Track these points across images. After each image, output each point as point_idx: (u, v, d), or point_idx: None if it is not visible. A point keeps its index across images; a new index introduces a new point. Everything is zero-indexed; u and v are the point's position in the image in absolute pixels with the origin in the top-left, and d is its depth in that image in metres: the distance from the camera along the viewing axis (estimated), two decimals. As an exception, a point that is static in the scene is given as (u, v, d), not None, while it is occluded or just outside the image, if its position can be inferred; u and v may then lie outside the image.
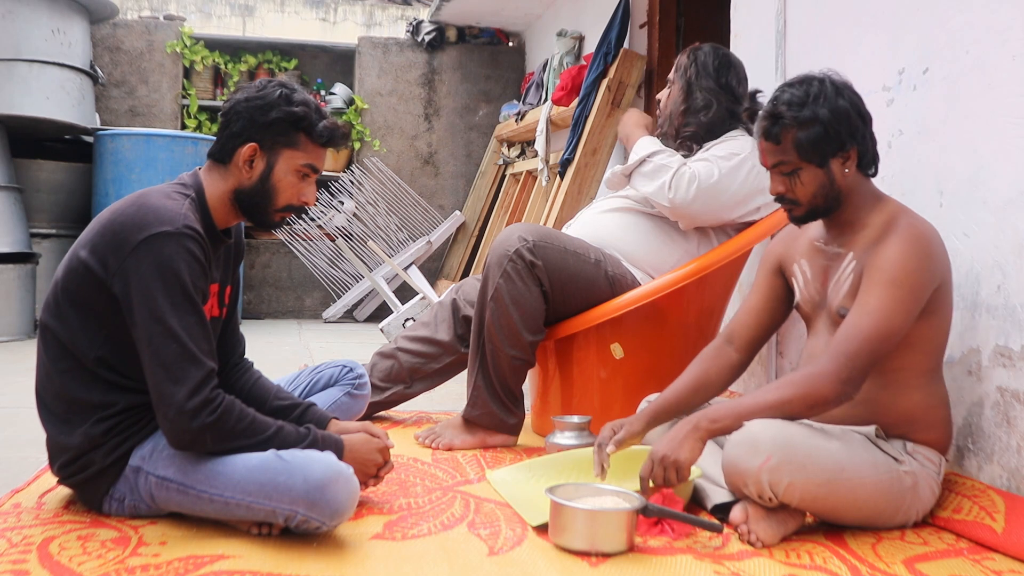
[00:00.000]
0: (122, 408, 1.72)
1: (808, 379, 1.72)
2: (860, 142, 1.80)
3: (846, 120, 1.77)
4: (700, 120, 2.56)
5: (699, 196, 2.43)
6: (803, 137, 1.76)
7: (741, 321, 2.06)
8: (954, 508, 1.85)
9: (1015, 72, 1.88)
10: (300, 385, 2.28)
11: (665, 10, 4.23)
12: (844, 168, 1.80)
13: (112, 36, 5.97)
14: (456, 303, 2.76)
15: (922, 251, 1.74)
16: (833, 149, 1.78)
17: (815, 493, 1.68)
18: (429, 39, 6.34)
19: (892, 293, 1.71)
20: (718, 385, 2.02)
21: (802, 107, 1.76)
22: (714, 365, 2.03)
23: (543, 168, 4.93)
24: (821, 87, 1.78)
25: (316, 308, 6.18)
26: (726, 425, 1.74)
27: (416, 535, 1.72)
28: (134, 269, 1.62)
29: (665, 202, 2.46)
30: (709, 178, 2.43)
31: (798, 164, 1.79)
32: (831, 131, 1.76)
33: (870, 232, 1.82)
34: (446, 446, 2.44)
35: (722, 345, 2.05)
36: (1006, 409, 1.88)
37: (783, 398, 1.73)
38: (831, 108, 1.76)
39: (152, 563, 1.52)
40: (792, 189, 1.82)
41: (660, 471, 1.74)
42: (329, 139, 1.79)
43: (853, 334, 1.71)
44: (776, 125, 1.79)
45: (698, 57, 2.60)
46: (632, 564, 1.60)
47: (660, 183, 2.47)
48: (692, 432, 1.75)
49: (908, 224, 1.78)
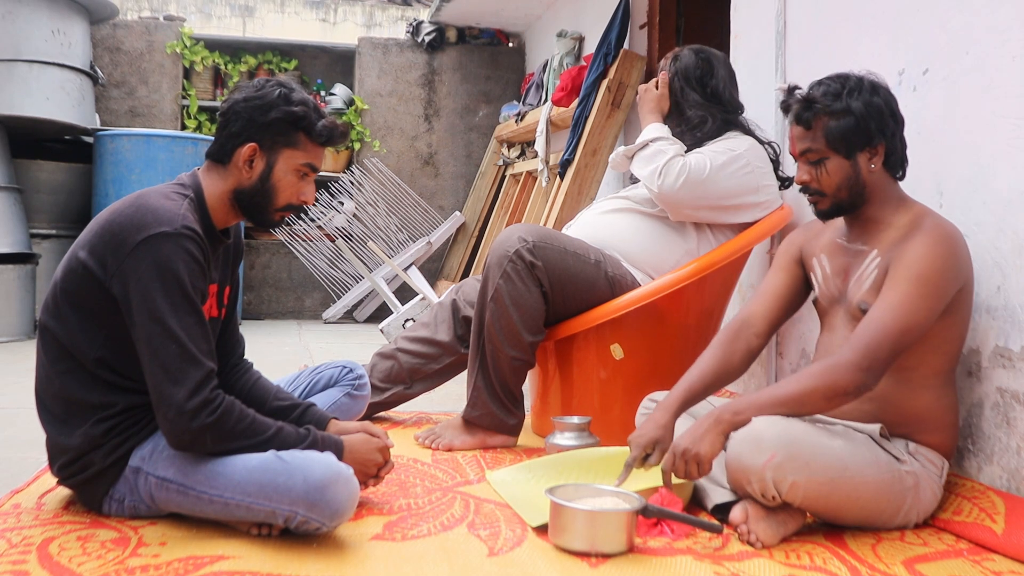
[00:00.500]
0: (122, 409, 1.72)
1: (828, 370, 1.72)
2: (889, 140, 1.82)
3: (878, 116, 1.79)
4: (696, 137, 2.58)
5: (686, 185, 2.44)
6: (834, 126, 1.79)
7: (759, 305, 2.04)
8: (954, 509, 1.85)
9: (1015, 73, 1.88)
10: (300, 386, 2.28)
11: (665, 11, 4.23)
12: (871, 164, 1.82)
13: (112, 37, 5.97)
14: (456, 304, 2.76)
15: (948, 250, 1.75)
16: (862, 142, 1.80)
17: (818, 491, 1.68)
18: (429, 40, 6.34)
19: (917, 289, 1.71)
20: (740, 370, 2.01)
21: (837, 97, 1.79)
22: (736, 349, 1.99)
23: (543, 169, 4.93)
24: (858, 83, 1.81)
25: (316, 309, 6.18)
26: (749, 417, 1.73)
27: (416, 536, 1.72)
28: (133, 270, 1.62)
29: (654, 187, 2.48)
30: (700, 171, 2.45)
31: (825, 153, 1.81)
32: (862, 124, 1.78)
33: (895, 231, 1.82)
34: (446, 447, 2.44)
35: (740, 329, 2.02)
36: (1006, 410, 1.88)
37: (803, 389, 1.73)
38: (865, 102, 1.78)
39: (152, 564, 1.52)
40: (817, 178, 1.83)
41: (682, 464, 1.74)
42: (328, 138, 1.79)
43: (875, 327, 1.71)
44: (809, 110, 1.81)
45: (680, 63, 2.63)
46: (632, 565, 1.60)
47: (653, 167, 2.49)
48: (714, 425, 1.74)
49: (935, 224, 1.78)
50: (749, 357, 2.02)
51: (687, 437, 1.75)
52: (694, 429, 1.76)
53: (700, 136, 2.57)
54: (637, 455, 1.85)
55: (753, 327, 2.02)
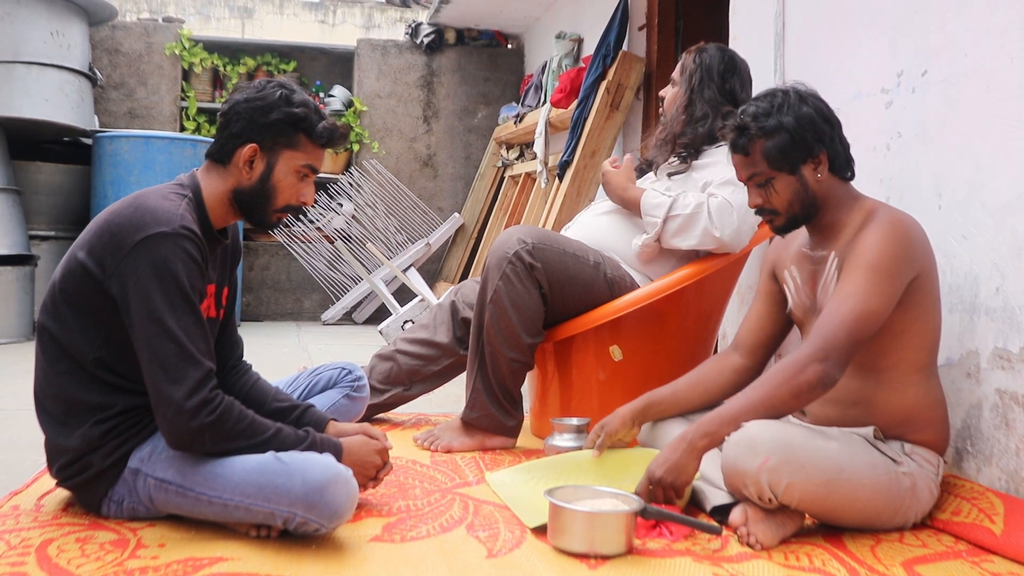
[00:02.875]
0: (121, 410, 1.72)
1: (788, 368, 1.73)
2: (829, 146, 1.83)
3: (811, 126, 1.80)
4: (697, 131, 2.54)
5: (741, 219, 2.41)
6: (771, 146, 1.80)
7: (744, 326, 2.10)
8: (953, 510, 1.85)
9: (1013, 74, 1.88)
10: (299, 387, 2.28)
11: (664, 12, 4.24)
12: (816, 173, 1.83)
13: (111, 38, 5.97)
14: (455, 305, 2.76)
15: (899, 237, 1.76)
16: (802, 155, 1.81)
17: (814, 494, 1.68)
18: (428, 41, 6.35)
19: (868, 276, 1.73)
20: (718, 384, 2.05)
21: (768, 117, 1.80)
22: (714, 366, 2.08)
23: (542, 170, 4.93)
24: (785, 97, 1.82)
25: (315, 310, 6.18)
26: (719, 434, 1.75)
27: (415, 537, 1.72)
28: (131, 270, 1.62)
29: (715, 244, 2.42)
30: (739, 199, 2.37)
31: (770, 173, 1.83)
32: (797, 138, 1.79)
33: (850, 230, 1.84)
34: (445, 448, 2.44)
35: (727, 350, 2.10)
36: (1005, 411, 1.88)
37: (768, 393, 1.74)
38: (796, 115, 1.80)
39: (151, 565, 1.52)
40: (768, 200, 1.86)
41: (659, 492, 1.78)
42: (329, 140, 1.79)
43: (830, 318, 1.73)
44: (743, 137, 1.83)
45: (703, 60, 2.58)
46: (631, 566, 1.60)
47: (702, 229, 2.41)
48: (688, 451, 1.76)
49: (886, 215, 1.81)
50: (733, 374, 2.06)
51: (661, 464, 1.78)
52: (667, 456, 1.78)
53: (700, 132, 2.53)
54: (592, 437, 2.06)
55: (739, 349, 2.08)
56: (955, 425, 2.00)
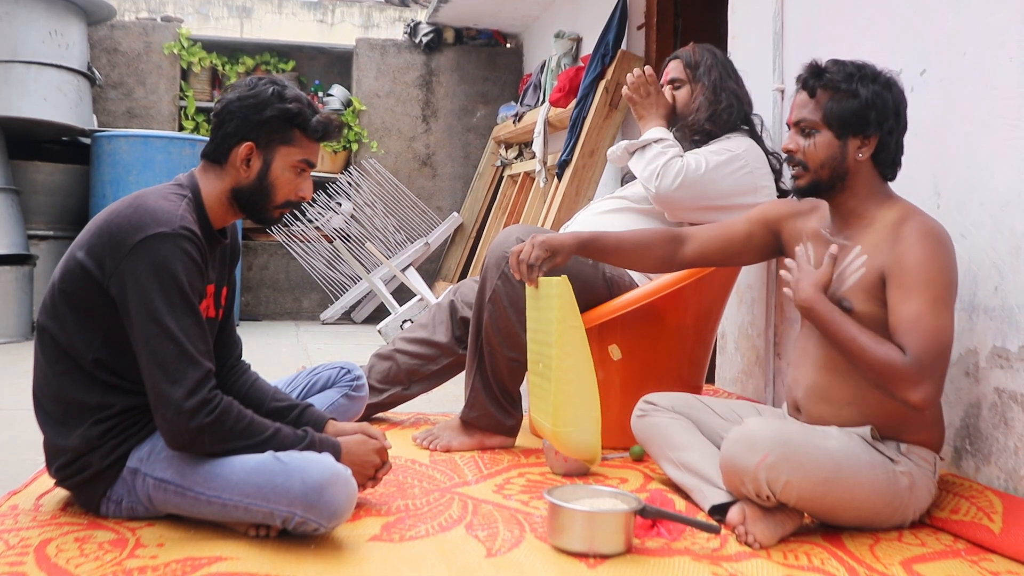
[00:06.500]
0: (120, 410, 1.72)
1: (896, 358, 1.66)
2: (884, 135, 1.81)
3: (882, 109, 1.79)
4: (723, 119, 2.59)
5: (683, 186, 2.46)
6: (835, 102, 1.79)
7: (709, 230, 2.13)
8: (952, 509, 1.85)
9: (1012, 74, 1.88)
10: (298, 387, 2.28)
11: (663, 12, 4.24)
12: (859, 152, 1.81)
13: (109, 38, 5.97)
14: (454, 305, 2.76)
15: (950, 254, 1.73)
16: (856, 128, 1.80)
17: (812, 492, 1.68)
18: (427, 40, 6.35)
19: (937, 299, 1.68)
20: (657, 258, 2.13)
21: (849, 78, 1.79)
22: (662, 244, 2.14)
23: (541, 169, 4.93)
24: (876, 75, 1.81)
25: (314, 310, 6.18)
26: (830, 312, 1.75)
27: (414, 537, 1.72)
28: (131, 270, 1.62)
29: (652, 188, 2.50)
30: (696, 170, 2.46)
31: (818, 126, 1.82)
32: (862, 111, 1.78)
33: (880, 229, 1.80)
34: (444, 447, 2.44)
35: (678, 234, 2.14)
36: (1003, 410, 1.88)
37: (875, 348, 1.68)
38: (874, 92, 1.78)
39: (150, 565, 1.52)
40: (803, 150, 1.84)
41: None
42: (324, 133, 1.80)
43: (926, 349, 1.65)
44: (817, 79, 1.82)
45: (718, 57, 2.65)
46: (630, 565, 1.60)
47: (652, 168, 2.50)
48: (814, 295, 1.78)
49: (928, 226, 1.74)
50: (667, 261, 2.14)
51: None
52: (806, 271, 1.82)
53: (725, 120, 2.58)
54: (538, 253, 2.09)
55: (690, 241, 2.13)
56: (954, 424, 2.00)
